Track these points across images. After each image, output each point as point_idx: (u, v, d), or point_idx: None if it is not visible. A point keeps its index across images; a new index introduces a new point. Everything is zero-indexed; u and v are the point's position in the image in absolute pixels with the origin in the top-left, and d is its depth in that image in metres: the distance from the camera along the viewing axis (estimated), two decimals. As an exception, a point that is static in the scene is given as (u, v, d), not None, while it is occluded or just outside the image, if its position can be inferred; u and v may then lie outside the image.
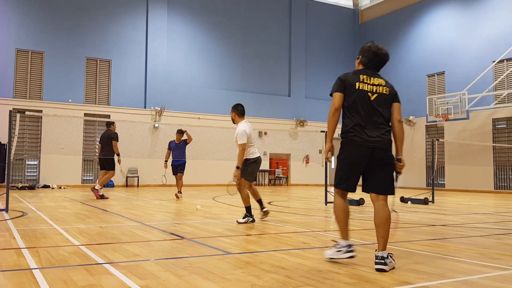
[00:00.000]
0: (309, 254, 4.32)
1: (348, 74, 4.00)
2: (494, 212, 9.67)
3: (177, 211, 8.86)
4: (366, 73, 3.97)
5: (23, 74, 18.81)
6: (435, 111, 19.98)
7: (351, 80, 3.91)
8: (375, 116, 3.87)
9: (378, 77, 3.99)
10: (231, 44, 23.25)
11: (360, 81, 3.90)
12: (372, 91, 3.90)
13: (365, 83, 3.90)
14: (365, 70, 4.01)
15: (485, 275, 3.52)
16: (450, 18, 21.68)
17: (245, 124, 6.90)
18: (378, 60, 4.02)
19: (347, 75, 3.98)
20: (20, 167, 18.42)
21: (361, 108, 3.86)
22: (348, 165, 3.88)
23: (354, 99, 3.88)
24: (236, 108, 7.07)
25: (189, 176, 20.54)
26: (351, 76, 3.95)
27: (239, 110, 7.06)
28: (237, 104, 7.14)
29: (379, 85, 3.94)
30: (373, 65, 4.03)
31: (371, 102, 3.87)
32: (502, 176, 19.06)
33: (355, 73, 4.00)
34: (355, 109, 3.87)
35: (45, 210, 8.59)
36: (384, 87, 3.96)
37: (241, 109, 7.09)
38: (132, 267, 3.69)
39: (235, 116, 7.07)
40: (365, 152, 3.79)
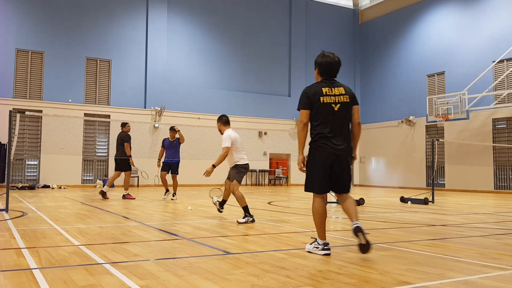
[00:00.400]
0: (309, 254, 4.32)
1: (312, 88, 4.38)
2: (494, 212, 9.67)
3: (177, 211, 8.86)
4: (327, 85, 4.38)
5: (23, 74, 18.81)
6: (435, 111, 19.98)
7: (316, 95, 4.31)
8: (339, 125, 4.32)
9: (338, 86, 4.39)
10: (231, 44, 23.25)
11: (324, 95, 4.30)
12: (335, 101, 4.31)
13: (328, 96, 4.31)
14: (325, 81, 4.42)
15: (485, 275, 3.51)
16: (450, 18, 21.68)
17: (230, 131, 7.32)
18: (333, 69, 4.43)
19: (311, 90, 4.36)
20: (20, 167, 18.42)
21: (327, 119, 4.30)
22: (319, 170, 4.33)
23: (320, 112, 4.30)
24: (221, 119, 7.53)
25: (189, 176, 20.55)
26: (314, 90, 4.34)
27: (223, 119, 7.50)
28: (221, 115, 7.63)
29: (340, 94, 4.34)
30: (330, 74, 4.44)
31: (336, 113, 4.31)
32: (502, 176, 19.06)
33: (317, 85, 4.39)
34: (322, 120, 4.30)
35: (45, 210, 8.59)
36: (345, 95, 4.35)
37: (226, 119, 7.52)
38: (132, 267, 3.69)
39: (220, 126, 7.47)
40: (332, 158, 4.29)
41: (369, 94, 25.92)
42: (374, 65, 25.73)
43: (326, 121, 4.28)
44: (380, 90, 25.10)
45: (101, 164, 19.99)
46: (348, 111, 4.35)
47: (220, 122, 7.51)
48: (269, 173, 23.75)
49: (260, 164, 23.01)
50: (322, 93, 4.30)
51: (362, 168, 25.88)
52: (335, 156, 4.28)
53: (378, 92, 25.26)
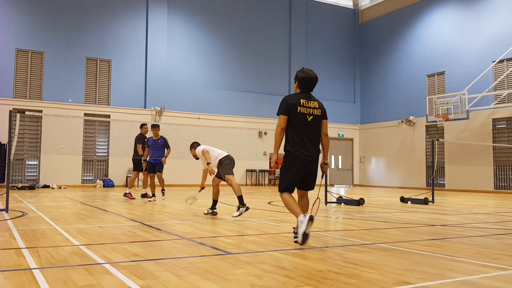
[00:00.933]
0: (309, 254, 4.32)
1: (291, 97, 4.95)
2: (494, 212, 9.67)
3: (177, 211, 8.86)
4: (304, 97, 4.98)
5: (23, 74, 18.82)
6: (435, 111, 19.99)
7: (294, 104, 4.88)
8: (311, 134, 4.94)
9: (313, 100, 5.01)
10: (231, 44, 23.25)
11: (301, 105, 4.89)
12: (309, 113, 4.92)
13: (304, 107, 4.90)
14: (303, 93, 5.02)
15: (485, 275, 3.51)
16: (450, 18, 21.68)
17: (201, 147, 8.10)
18: (311, 84, 5.05)
19: (291, 99, 4.93)
20: (20, 167, 18.42)
21: (301, 127, 4.89)
22: (292, 173, 4.96)
23: (296, 120, 4.88)
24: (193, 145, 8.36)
25: (189, 176, 20.60)
26: (294, 100, 4.91)
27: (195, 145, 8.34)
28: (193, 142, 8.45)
29: (314, 107, 4.96)
30: (307, 88, 5.05)
31: (309, 123, 4.91)
32: (502, 176, 19.06)
33: (296, 96, 4.98)
34: (297, 128, 4.89)
35: (45, 210, 8.59)
36: (318, 109, 4.99)
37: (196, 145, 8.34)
38: (132, 267, 3.69)
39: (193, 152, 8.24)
40: (304, 163, 4.92)
41: (369, 94, 25.93)
42: (374, 65, 25.73)
43: (300, 129, 4.88)
44: (380, 90, 25.10)
45: (101, 164, 19.99)
46: (318, 124, 5.00)
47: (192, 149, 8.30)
48: (269, 173, 23.74)
49: (260, 164, 23.01)
50: (300, 103, 4.89)
51: (362, 168, 25.87)
52: (311, 162, 4.94)
53: (378, 92, 25.26)
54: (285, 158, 5.03)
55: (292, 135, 4.91)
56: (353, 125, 26.13)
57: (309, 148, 4.92)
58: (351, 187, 24.87)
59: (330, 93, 25.82)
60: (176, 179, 20.57)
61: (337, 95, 26.02)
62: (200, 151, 7.99)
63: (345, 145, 25.87)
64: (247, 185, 22.75)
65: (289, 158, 4.96)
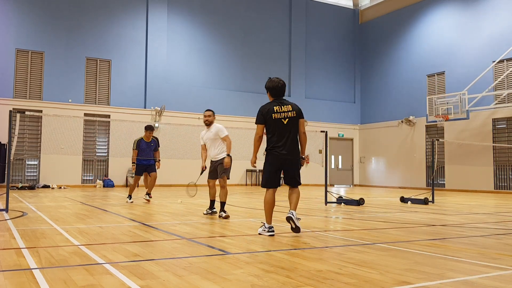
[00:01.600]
0: (309, 254, 4.32)
1: (266, 107, 5.53)
2: (494, 212, 9.67)
3: (177, 211, 8.86)
4: (277, 104, 5.53)
5: (23, 74, 18.81)
6: (435, 111, 19.98)
7: (269, 113, 5.47)
8: (289, 135, 5.48)
9: (287, 104, 5.54)
10: (231, 44, 23.25)
11: (275, 112, 5.46)
12: (284, 117, 5.46)
13: (278, 113, 5.47)
14: (276, 101, 5.58)
15: (485, 275, 3.52)
16: (450, 18, 21.68)
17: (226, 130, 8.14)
18: (280, 91, 5.61)
19: (264, 108, 5.53)
20: (20, 167, 18.42)
21: (278, 131, 5.46)
22: (272, 171, 5.57)
23: (273, 126, 5.46)
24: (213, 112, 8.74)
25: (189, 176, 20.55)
26: (268, 109, 5.49)
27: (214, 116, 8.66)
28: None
29: (288, 111, 5.49)
30: (278, 95, 5.61)
31: (285, 126, 5.46)
32: (502, 176, 19.06)
33: (270, 104, 5.56)
34: (274, 132, 5.47)
35: (45, 210, 8.59)
36: (292, 111, 5.51)
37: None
38: (132, 267, 3.69)
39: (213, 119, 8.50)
40: (283, 161, 5.51)
41: (369, 94, 25.93)
42: (374, 65, 25.73)
43: (277, 133, 5.44)
44: (380, 90, 25.10)
45: (101, 164, 19.99)
46: (295, 124, 5.51)
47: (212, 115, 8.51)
48: (269, 173, 23.72)
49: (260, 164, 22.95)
50: (274, 110, 5.45)
51: (362, 168, 25.87)
52: (286, 160, 5.50)
53: (378, 92, 25.26)
54: (266, 156, 5.61)
55: (271, 138, 5.50)
56: (353, 125, 26.13)
57: (287, 148, 5.47)
58: (351, 187, 24.87)
59: (330, 93, 25.83)
60: (176, 179, 20.58)
61: (337, 95, 26.01)
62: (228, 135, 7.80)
63: (345, 145, 25.87)
64: (247, 185, 22.75)
65: (269, 157, 5.56)
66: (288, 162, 5.52)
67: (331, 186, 24.17)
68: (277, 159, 5.49)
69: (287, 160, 5.50)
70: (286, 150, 5.45)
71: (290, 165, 5.55)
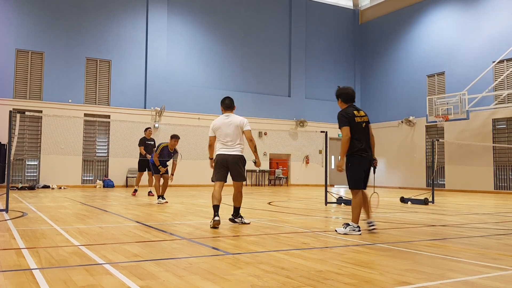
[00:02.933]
0: (309, 255, 4.32)
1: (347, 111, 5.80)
2: (494, 212, 9.66)
3: (177, 211, 8.86)
4: (355, 109, 5.85)
5: (23, 74, 18.81)
6: (435, 111, 19.98)
7: (352, 116, 5.75)
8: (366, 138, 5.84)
9: (360, 110, 5.90)
10: (231, 44, 23.25)
11: (356, 116, 5.77)
12: (362, 121, 5.81)
13: (358, 117, 5.79)
14: (351, 106, 5.88)
15: (485, 275, 3.51)
16: (450, 18, 21.68)
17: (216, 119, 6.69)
18: (352, 97, 5.95)
19: (347, 113, 5.78)
20: (20, 167, 18.42)
21: (358, 135, 5.75)
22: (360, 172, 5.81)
23: (355, 129, 5.73)
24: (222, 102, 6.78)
25: (189, 176, 20.60)
26: (350, 113, 5.77)
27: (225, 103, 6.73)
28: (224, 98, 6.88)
29: (363, 115, 5.86)
30: (352, 101, 5.94)
31: (363, 129, 5.82)
32: (502, 176, 19.06)
33: (349, 108, 5.83)
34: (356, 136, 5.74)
35: (45, 210, 8.59)
36: (365, 116, 5.88)
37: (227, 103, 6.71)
38: (132, 267, 3.69)
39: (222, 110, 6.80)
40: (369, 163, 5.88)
41: (369, 94, 25.93)
42: (374, 65, 25.73)
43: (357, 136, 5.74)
44: (380, 90, 25.10)
45: (101, 164, 19.99)
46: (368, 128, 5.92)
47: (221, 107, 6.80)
48: (269, 174, 23.75)
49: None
50: (354, 114, 5.76)
51: (362, 168, 25.85)
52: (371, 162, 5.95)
53: (378, 92, 25.26)
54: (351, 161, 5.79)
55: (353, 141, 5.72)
56: (353, 125, 26.11)
57: (367, 150, 5.82)
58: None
59: (330, 93, 25.72)
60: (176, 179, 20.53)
61: (337, 95, 26.00)
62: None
63: (345, 145, 25.84)
64: (247, 185, 22.75)
65: (355, 160, 5.78)
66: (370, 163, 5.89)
67: (331, 186, 24.18)
68: (364, 161, 5.77)
69: (371, 162, 5.87)
70: (368, 152, 5.82)
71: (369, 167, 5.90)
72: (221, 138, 6.53)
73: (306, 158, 24.04)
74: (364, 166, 5.78)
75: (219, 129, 6.55)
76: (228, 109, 6.66)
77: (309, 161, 24.02)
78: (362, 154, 5.73)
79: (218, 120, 6.64)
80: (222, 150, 6.49)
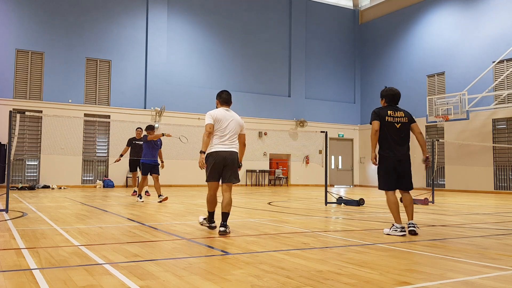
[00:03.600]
0: (309, 255, 4.32)
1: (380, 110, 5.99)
2: (494, 212, 9.67)
3: (177, 211, 8.86)
4: (391, 109, 5.98)
5: (23, 74, 18.81)
6: (435, 112, 19.98)
7: (383, 115, 5.89)
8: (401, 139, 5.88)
9: (399, 111, 6.00)
10: (231, 44, 23.25)
11: (388, 115, 5.90)
12: (397, 122, 5.91)
13: (391, 117, 5.91)
14: (389, 106, 6.02)
15: (485, 275, 3.52)
16: (450, 18, 21.68)
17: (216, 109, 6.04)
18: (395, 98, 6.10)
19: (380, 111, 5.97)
20: (20, 167, 18.42)
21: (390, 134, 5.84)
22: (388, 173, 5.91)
23: (386, 129, 5.85)
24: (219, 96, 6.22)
25: (189, 176, 20.60)
26: (382, 112, 5.93)
27: (222, 97, 6.18)
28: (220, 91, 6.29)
29: (401, 116, 5.96)
30: (394, 102, 6.08)
31: (397, 130, 5.89)
32: (502, 177, 19.06)
33: (384, 108, 6.00)
34: (386, 136, 5.86)
35: (45, 210, 8.59)
36: (404, 117, 5.96)
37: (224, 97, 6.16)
38: (132, 267, 3.69)
39: (217, 104, 6.20)
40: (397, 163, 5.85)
41: (369, 94, 25.93)
42: (374, 65, 25.73)
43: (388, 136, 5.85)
44: (380, 90, 25.04)
45: (101, 164, 19.99)
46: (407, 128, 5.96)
47: (217, 100, 6.21)
48: (269, 174, 23.75)
49: (260, 165, 23.02)
50: (388, 114, 5.90)
51: (362, 168, 25.87)
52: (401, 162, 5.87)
53: (378, 92, 25.01)
54: (379, 161, 5.95)
55: (382, 141, 5.88)
56: (353, 126, 26.13)
57: (399, 150, 5.83)
58: (351, 188, 24.87)
59: (330, 93, 25.83)
60: (176, 180, 20.57)
61: (337, 95, 26.02)
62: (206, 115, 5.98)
63: (345, 145, 25.87)
64: (247, 185, 22.75)
65: (383, 160, 5.91)
66: (402, 163, 5.84)
67: (331, 186, 24.18)
68: (388, 161, 5.84)
69: (401, 162, 5.83)
70: (399, 152, 5.82)
71: (403, 167, 5.85)
72: (219, 132, 5.78)
73: (306, 158, 24.04)
74: (389, 167, 5.84)
75: (220, 122, 5.83)
76: (226, 104, 6.11)
77: (309, 161, 24.02)
78: (386, 154, 5.83)
79: (219, 111, 5.94)
80: (220, 147, 5.72)
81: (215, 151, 5.71)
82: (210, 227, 6.02)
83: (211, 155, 5.72)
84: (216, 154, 5.71)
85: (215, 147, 5.72)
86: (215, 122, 5.81)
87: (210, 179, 5.79)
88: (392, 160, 5.80)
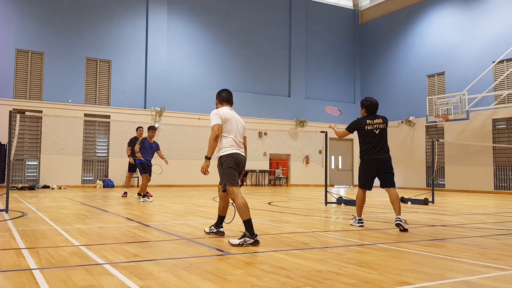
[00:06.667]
0: (309, 255, 4.32)
1: (360, 120, 6.62)
2: (494, 212, 9.66)
3: (177, 211, 8.86)
4: (370, 118, 6.58)
5: (23, 74, 18.82)
6: (435, 112, 19.98)
7: (362, 124, 6.55)
8: (380, 142, 6.50)
9: (377, 118, 6.58)
10: (231, 44, 23.25)
11: (367, 124, 6.52)
12: (376, 128, 6.51)
13: (370, 125, 6.52)
14: (369, 116, 6.61)
15: (485, 276, 3.51)
16: (450, 18, 21.68)
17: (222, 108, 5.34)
18: (374, 108, 6.64)
19: (359, 121, 6.63)
20: (20, 167, 18.42)
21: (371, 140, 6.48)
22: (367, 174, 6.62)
23: (366, 136, 6.53)
24: (219, 95, 5.49)
25: (189, 176, 20.60)
26: (361, 121, 6.58)
27: (221, 96, 5.46)
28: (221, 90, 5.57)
29: (379, 123, 6.53)
30: (373, 111, 6.65)
31: (376, 135, 6.50)
32: (502, 177, 19.06)
33: (364, 118, 6.60)
34: (367, 141, 6.52)
35: (45, 210, 8.59)
36: (382, 123, 6.54)
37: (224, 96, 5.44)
38: (132, 267, 3.69)
39: (216, 104, 5.52)
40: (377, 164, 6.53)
41: (369, 94, 25.90)
42: (374, 65, 25.73)
43: (369, 141, 6.50)
44: (380, 90, 25.09)
45: (101, 164, 19.99)
46: (385, 133, 6.56)
47: (216, 99, 5.50)
48: (269, 174, 23.75)
49: (260, 165, 23.02)
50: (366, 123, 6.52)
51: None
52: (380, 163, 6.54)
53: (378, 92, 25.24)
54: (361, 162, 6.66)
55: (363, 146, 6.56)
56: (353, 126, 26.10)
57: (378, 152, 6.46)
58: (351, 188, 24.86)
59: (330, 93, 25.83)
60: (176, 180, 20.58)
61: (337, 95, 26.02)
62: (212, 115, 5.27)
63: (345, 145, 25.87)
64: (247, 185, 22.75)
65: (364, 162, 6.57)
66: (382, 164, 6.46)
67: (331, 186, 24.18)
68: (369, 162, 6.49)
69: (380, 163, 6.45)
70: (379, 155, 6.46)
71: (383, 167, 6.47)
72: (231, 134, 5.14)
73: (306, 158, 24.04)
74: (369, 169, 6.51)
75: (229, 122, 5.17)
76: (227, 103, 5.42)
77: (309, 161, 24.02)
78: (367, 157, 6.49)
79: (226, 110, 5.26)
80: (234, 149, 5.11)
81: (231, 153, 5.09)
82: (218, 232, 5.55)
83: (231, 157, 5.06)
84: (237, 156, 5.11)
85: (231, 149, 5.10)
86: (224, 122, 5.14)
87: (236, 183, 5.07)
88: (372, 162, 6.46)
